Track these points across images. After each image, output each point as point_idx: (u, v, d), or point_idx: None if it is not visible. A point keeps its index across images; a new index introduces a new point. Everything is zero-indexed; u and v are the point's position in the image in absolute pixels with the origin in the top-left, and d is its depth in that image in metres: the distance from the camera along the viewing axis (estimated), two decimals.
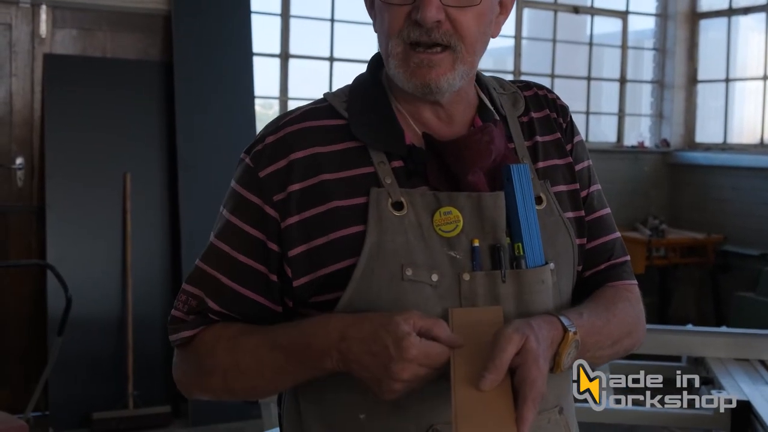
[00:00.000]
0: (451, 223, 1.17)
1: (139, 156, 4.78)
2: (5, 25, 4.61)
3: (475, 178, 1.19)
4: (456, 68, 1.16)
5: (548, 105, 1.34)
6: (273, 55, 5.55)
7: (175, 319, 1.24)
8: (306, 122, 1.22)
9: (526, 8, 6.45)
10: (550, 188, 1.26)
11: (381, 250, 1.15)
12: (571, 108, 1.39)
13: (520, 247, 1.19)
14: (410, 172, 1.19)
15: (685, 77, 6.95)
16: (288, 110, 1.27)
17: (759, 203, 6.20)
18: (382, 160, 1.19)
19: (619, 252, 1.37)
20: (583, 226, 1.30)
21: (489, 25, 1.21)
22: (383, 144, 1.20)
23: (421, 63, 1.16)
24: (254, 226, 1.20)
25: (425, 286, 1.15)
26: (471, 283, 1.16)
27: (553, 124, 1.32)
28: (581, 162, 1.34)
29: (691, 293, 6.62)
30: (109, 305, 4.63)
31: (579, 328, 1.15)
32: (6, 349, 4.67)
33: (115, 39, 4.85)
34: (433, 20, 1.13)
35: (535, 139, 1.29)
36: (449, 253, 1.16)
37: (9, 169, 4.64)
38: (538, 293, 1.19)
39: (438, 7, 1.13)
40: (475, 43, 1.18)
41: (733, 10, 6.65)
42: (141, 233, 4.72)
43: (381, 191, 1.17)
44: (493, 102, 1.29)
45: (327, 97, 1.27)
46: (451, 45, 1.15)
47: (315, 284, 1.18)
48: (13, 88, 4.64)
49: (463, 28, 1.15)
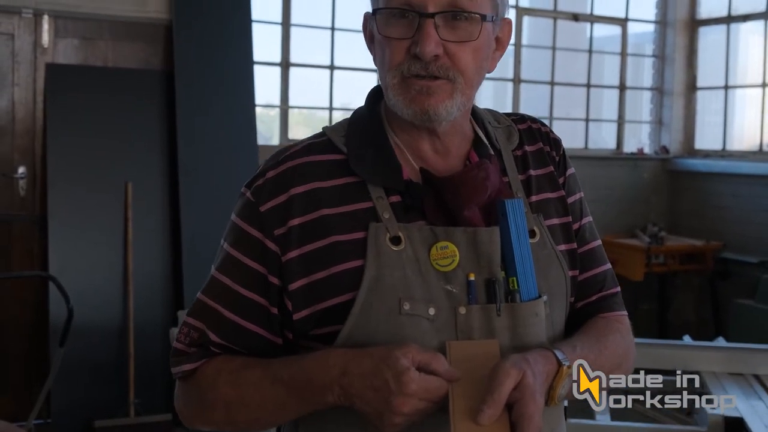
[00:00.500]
0: (447, 258, 1.19)
1: (141, 164, 4.81)
2: (8, 35, 4.64)
3: (471, 213, 1.22)
4: (454, 97, 1.19)
5: (542, 138, 1.37)
6: (273, 63, 5.57)
7: (177, 352, 1.27)
8: (306, 157, 1.25)
9: (525, 16, 6.47)
10: (543, 222, 1.29)
11: (379, 284, 1.17)
12: (571, 115, 1.42)
13: (514, 281, 1.21)
14: (408, 206, 1.22)
15: (685, 84, 6.97)
16: (288, 145, 1.30)
17: (758, 210, 6.22)
18: (380, 195, 1.21)
19: (611, 283, 1.39)
20: (575, 258, 1.33)
21: (486, 60, 1.24)
22: (381, 179, 1.22)
23: (421, 90, 1.18)
24: (255, 260, 1.22)
25: (422, 319, 1.17)
26: (467, 316, 1.19)
27: (546, 158, 1.35)
28: (573, 194, 1.37)
29: (690, 300, 6.64)
30: (111, 313, 4.66)
31: (572, 361, 1.18)
32: (7, 355, 4.70)
33: (117, 48, 4.88)
34: (431, 54, 1.16)
35: (529, 172, 1.32)
36: (446, 287, 1.19)
37: (11, 178, 4.67)
38: (532, 326, 1.22)
39: (437, 41, 1.16)
40: (473, 77, 1.21)
41: (732, 17, 6.67)
42: (142, 241, 4.75)
43: (379, 226, 1.19)
44: (488, 136, 1.31)
45: (326, 131, 1.29)
46: (449, 77, 1.18)
47: (315, 317, 1.20)
48: (15, 97, 4.68)
49: (460, 62, 1.18)
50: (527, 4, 6.57)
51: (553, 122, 6.67)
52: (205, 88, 4.91)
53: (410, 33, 1.17)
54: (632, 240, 6.37)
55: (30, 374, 4.70)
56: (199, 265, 4.67)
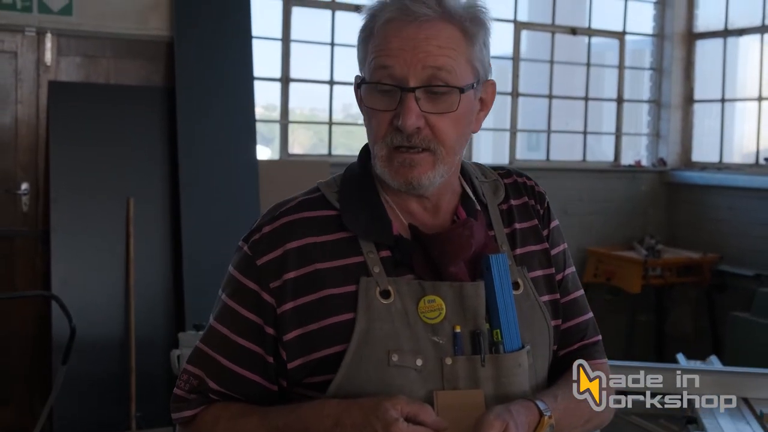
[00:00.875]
0: (435, 311, 1.26)
1: (142, 180, 4.86)
2: (11, 53, 4.70)
3: (456, 269, 1.28)
4: (436, 167, 1.25)
5: (527, 192, 1.44)
6: (274, 79, 5.62)
7: (178, 398, 1.33)
8: (300, 213, 1.31)
9: (524, 30, 6.52)
10: (527, 274, 1.35)
11: (369, 337, 1.23)
12: (570, 127, 1.47)
13: (498, 333, 1.28)
14: (397, 261, 1.28)
15: (682, 97, 7.01)
16: (283, 200, 1.36)
17: (754, 223, 6.26)
18: (371, 250, 1.28)
19: (592, 332, 1.46)
20: (558, 308, 1.39)
21: (468, 126, 1.30)
22: (372, 235, 1.29)
23: (404, 162, 1.25)
24: (251, 311, 1.28)
25: (410, 370, 1.23)
26: (453, 366, 1.25)
27: (531, 211, 1.42)
28: (557, 246, 1.44)
29: (687, 312, 6.67)
30: (112, 327, 4.70)
31: (554, 411, 1.24)
32: (10, 369, 4.75)
33: (119, 65, 4.93)
34: (413, 128, 1.22)
35: (514, 226, 1.38)
36: (433, 338, 1.25)
37: (14, 194, 4.73)
38: (515, 376, 1.28)
39: (417, 114, 1.22)
40: (454, 145, 1.27)
41: (728, 31, 6.72)
42: (144, 256, 4.80)
43: (370, 280, 1.26)
44: (475, 190, 1.37)
45: (320, 186, 1.36)
46: (430, 149, 1.24)
47: (308, 367, 1.26)
48: (18, 114, 4.73)
49: (441, 133, 1.24)
50: (525, 18, 6.61)
51: (551, 135, 6.72)
52: (206, 104, 4.96)
53: (393, 105, 1.23)
54: (630, 252, 6.41)
55: (32, 389, 4.75)
56: (201, 280, 4.73)
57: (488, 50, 1.32)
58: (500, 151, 6.62)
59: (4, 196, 4.71)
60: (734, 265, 6.27)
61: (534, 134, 6.93)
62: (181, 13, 4.95)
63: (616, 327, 6.39)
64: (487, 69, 1.32)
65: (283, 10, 5.59)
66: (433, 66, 1.22)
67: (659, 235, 6.68)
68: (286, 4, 5.59)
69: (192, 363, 1.33)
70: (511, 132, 6.51)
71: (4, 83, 4.70)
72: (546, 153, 6.73)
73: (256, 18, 5.21)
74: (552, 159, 6.72)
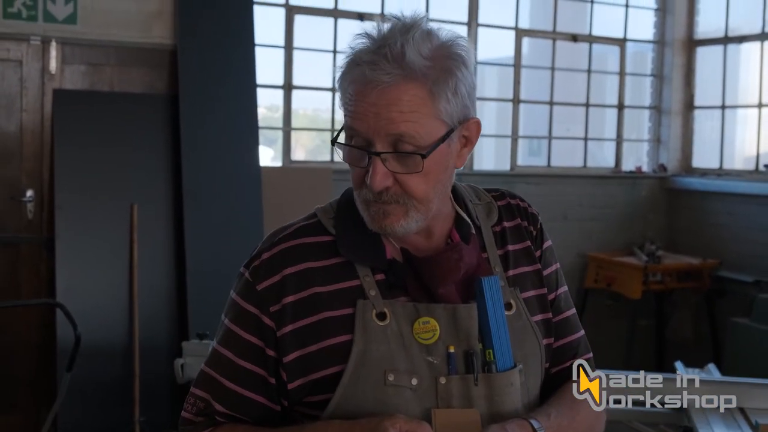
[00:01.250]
0: (429, 332, 1.30)
1: (146, 187, 4.90)
2: (16, 61, 4.74)
3: (446, 291, 1.32)
4: (409, 216, 1.29)
5: (520, 214, 1.48)
6: (276, 86, 5.67)
7: (185, 421, 1.38)
8: (297, 239, 1.36)
9: (525, 37, 6.56)
10: (520, 295, 1.40)
11: (366, 357, 1.28)
12: (571, 133, 1.50)
13: (491, 353, 1.32)
14: (391, 284, 1.33)
15: (682, 103, 7.05)
16: (281, 227, 1.40)
17: (754, 229, 6.29)
18: (366, 274, 1.33)
19: (583, 350, 1.50)
20: (550, 326, 1.43)
21: (444, 172, 1.31)
22: (367, 260, 1.33)
23: (378, 212, 1.29)
24: (253, 334, 1.33)
25: (406, 389, 1.28)
26: (447, 385, 1.30)
27: (524, 233, 1.46)
28: (550, 267, 1.48)
29: (687, 317, 6.70)
30: (116, 333, 4.74)
31: (547, 429, 1.29)
32: (15, 376, 4.79)
33: (123, 73, 4.98)
34: (379, 188, 1.26)
35: (507, 248, 1.43)
36: (427, 358, 1.30)
37: (19, 201, 4.77)
38: (508, 395, 1.32)
39: (384, 174, 1.25)
40: (428, 195, 1.29)
41: (729, 38, 6.75)
42: (147, 262, 4.84)
43: (366, 303, 1.30)
44: (469, 213, 1.41)
45: (317, 212, 1.40)
46: (400, 202, 1.28)
47: (307, 387, 1.31)
48: (23, 122, 4.78)
49: (411, 189, 1.27)
50: (527, 25, 6.65)
51: (553, 141, 6.76)
52: (209, 111, 5.00)
53: (364, 163, 1.27)
54: (630, 258, 6.44)
55: (37, 395, 4.79)
56: (204, 285, 4.77)
57: (468, 88, 1.29)
58: (502, 157, 6.66)
59: (9, 204, 4.76)
60: (734, 271, 6.30)
61: (535, 140, 6.97)
62: (184, 21, 5.00)
63: (617, 332, 6.43)
64: (467, 109, 1.30)
65: (286, 18, 5.63)
66: (395, 133, 1.23)
67: (659, 241, 6.71)
68: (288, 12, 5.63)
69: (198, 386, 1.38)
70: (512, 138, 6.54)
71: (10, 91, 4.75)
72: (547, 159, 6.76)
73: (258, 26, 5.26)
74: (553, 165, 6.76)
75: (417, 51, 1.23)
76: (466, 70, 1.28)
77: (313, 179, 5.50)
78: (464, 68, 1.28)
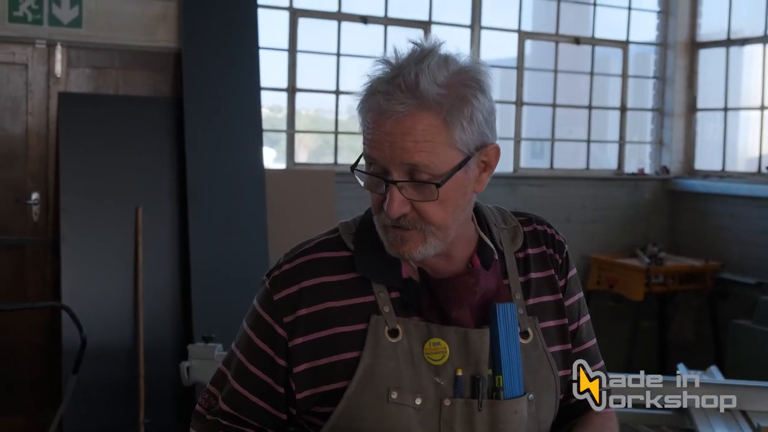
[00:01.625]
0: (439, 353, 1.32)
1: (151, 189, 4.92)
2: (22, 65, 4.77)
3: (460, 314, 1.33)
4: (427, 242, 1.29)
5: (546, 241, 1.47)
6: (280, 89, 5.69)
7: (197, 414, 1.43)
8: (317, 253, 1.38)
9: (528, 39, 6.58)
10: (539, 324, 1.39)
11: (373, 373, 1.30)
12: (573, 135, 1.50)
13: (500, 379, 1.33)
14: (405, 303, 1.34)
15: (685, 105, 7.05)
16: (305, 240, 1.43)
17: (756, 231, 6.30)
18: (382, 290, 1.34)
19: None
20: (568, 358, 1.43)
21: (462, 197, 1.31)
22: (382, 278, 1.34)
23: (396, 237, 1.29)
24: (265, 342, 1.36)
25: (408, 408, 1.29)
26: (451, 408, 1.31)
27: (549, 261, 1.45)
28: (573, 296, 1.47)
29: (689, 319, 6.71)
30: (121, 335, 4.76)
31: None
32: (20, 378, 4.81)
33: (127, 77, 5.00)
34: (396, 215, 1.27)
35: (529, 275, 1.42)
36: (435, 379, 1.31)
37: (25, 203, 4.79)
38: (511, 422, 1.32)
39: (401, 201, 1.26)
40: (446, 221, 1.29)
41: (731, 40, 6.77)
42: (152, 264, 4.86)
43: (379, 319, 1.32)
44: (493, 238, 1.41)
45: (340, 227, 1.42)
46: (418, 228, 1.28)
47: (315, 398, 1.33)
48: (29, 125, 4.80)
49: (428, 215, 1.27)
50: (530, 28, 6.67)
51: (555, 143, 6.78)
52: (214, 114, 5.02)
53: (382, 190, 1.27)
54: (632, 260, 6.45)
55: (42, 397, 4.81)
56: (208, 287, 4.79)
57: (485, 114, 1.30)
58: (504, 159, 6.66)
59: (14, 206, 4.78)
60: (736, 273, 6.31)
61: (538, 142, 6.98)
62: (188, 24, 5.02)
63: (619, 334, 6.44)
64: (484, 135, 1.31)
65: (290, 21, 5.66)
66: (410, 163, 1.23)
67: (662, 243, 6.72)
68: (292, 14, 5.66)
69: (212, 382, 1.43)
70: (515, 140, 6.56)
71: (15, 95, 4.78)
72: (550, 161, 6.78)
73: (262, 29, 5.28)
74: (556, 167, 6.78)
75: (431, 79, 1.23)
76: (483, 96, 1.29)
77: (317, 182, 5.53)
78: (481, 95, 1.28)
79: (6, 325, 4.72)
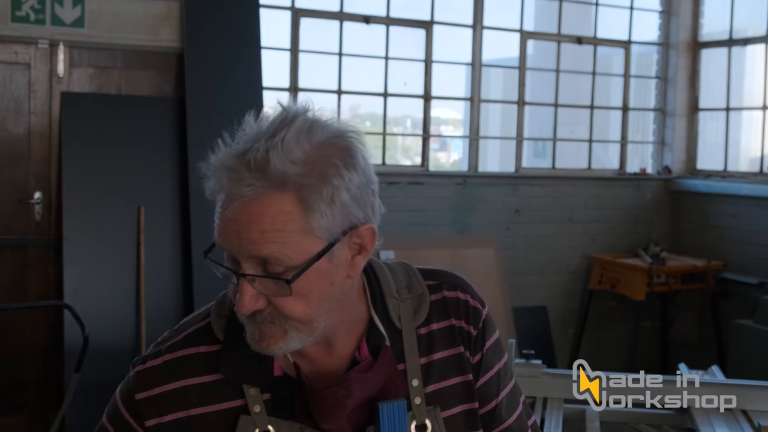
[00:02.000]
0: None
1: (153, 189, 4.94)
2: (25, 65, 4.78)
3: (331, 425, 1.17)
4: (289, 336, 1.12)
5: (456, 312, 1.29)
6: (282, 89, 5.69)
7: None
8: (183, 350, 1.22)
9: (530, 39, 6.58)
10: (440, 414, 1.24)
11: None
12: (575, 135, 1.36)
13: None
14: (276, 404, 1.19)
15: (687, 105, 7.06)
16: (174, 329, 1.28)
17: (758, 231, 6.30)
18: (253, 388, 1.19)
19: None
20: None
21: (330, 287, 1.12)
22: (251, 379, 1.18)
23: (253, 333, 1.13)
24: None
25: None
26: None
27: (457, 336, 1.27)
28: (490, 370, 1.31)
29: (691, 318, 6.71)
30: (123, 334, 4.78)
31: None
32: (23, 377, 4.83)
33: (130, 76, 5.01)
34: (248, 312, 1.10)
35: (432, 356, 1.25)
36: None
37: (27, 203, 4.81)
38: None
39: (252, 296, 1.09)
40: (309, 316, 1.12)
41: (733, 40, 6.77)
42: (154, 264, 4.87)
43: (248, 420, 1.17)
44: (389, 314, 1.24)
45: (212, 310, 1.25)
46: (276, 323, 1.11)
47: None
48: (32, 125, 4.82)
49: (286, 311, 1.10)
50: (532, 27, 6.68)
51: (557, 143, 6.78)
52: (216, 114, 5.03)
53: (235, 281, 1.11)
54: (634, 260, 6.46)
55: (45, 395, 4.83)
56: (210, 287, 4.78)
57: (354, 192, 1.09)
58: (506, 158, 6.68)
59: (17, 206, 4.80)
60: (738, 273, 6.31)
61: (540, 142, 6.99)
62: (191, 24, 5.03)
63: (621, 334, 6.45)
64: (351, 217, 1.10)
65: (292, 21, 5.66)
66: (258, 256, 1.07)
67: (664, 243, 6.72)
68: (294, 14, 5.67)
69: None
70: (517, 140, 6.56)
71: (18, 94, 4.79)
72: (552, 161, 6.78)
73: (265, 29, 5.29)
74: (558, 167, 6.78)
75: (284, 156, 1.06)
76: (352, 171, 1.09)
77: None
78: (348, 171, 1.08)
79: (9, 325, 4.74)
